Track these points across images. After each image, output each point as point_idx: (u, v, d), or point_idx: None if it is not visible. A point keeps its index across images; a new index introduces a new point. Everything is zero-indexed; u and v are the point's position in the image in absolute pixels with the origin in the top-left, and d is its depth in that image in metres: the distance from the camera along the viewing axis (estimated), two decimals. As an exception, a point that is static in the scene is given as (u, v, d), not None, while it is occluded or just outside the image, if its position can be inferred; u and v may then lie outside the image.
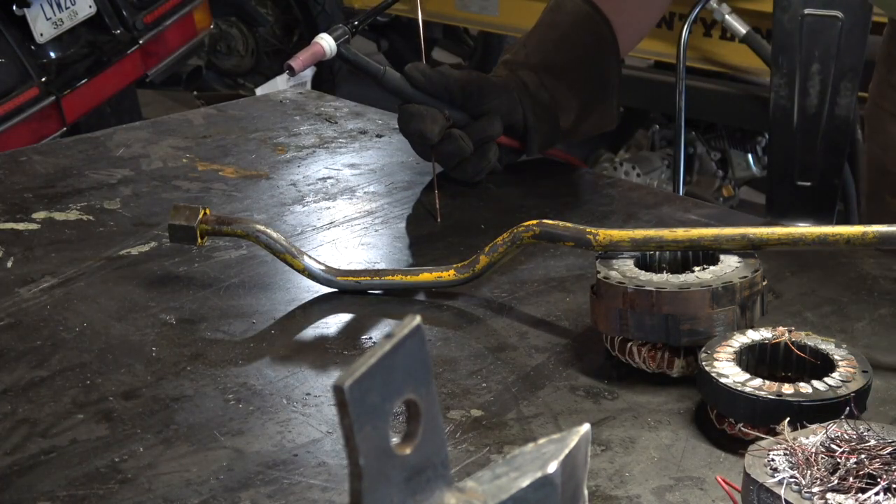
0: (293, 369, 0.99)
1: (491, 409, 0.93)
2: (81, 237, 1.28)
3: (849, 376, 0.85)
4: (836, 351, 0.88)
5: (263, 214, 1.33)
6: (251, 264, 1.20)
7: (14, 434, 0.90)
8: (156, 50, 3.91)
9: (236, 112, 1.73)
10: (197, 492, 0.82)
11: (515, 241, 1.07)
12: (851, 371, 0.85)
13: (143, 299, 1.12)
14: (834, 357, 0.88)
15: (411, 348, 0.48)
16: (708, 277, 0.95)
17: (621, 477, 0.83)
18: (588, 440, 0.56)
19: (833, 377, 0.85)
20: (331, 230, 1.29)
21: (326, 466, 0.85)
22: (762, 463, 0.70)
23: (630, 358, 0.96)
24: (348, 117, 1.69)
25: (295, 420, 0.91)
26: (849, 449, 0.70)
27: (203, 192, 1.41)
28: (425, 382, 0.49)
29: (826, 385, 0.84)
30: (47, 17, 3.48)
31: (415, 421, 0.49)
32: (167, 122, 1.68)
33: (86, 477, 0.84)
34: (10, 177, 1.46)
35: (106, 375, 0.98)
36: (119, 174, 1.47)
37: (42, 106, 3.38)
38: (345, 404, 0.45)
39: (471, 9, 4.55)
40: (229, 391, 0.96)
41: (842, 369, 0.85)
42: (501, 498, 0.51)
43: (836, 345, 0.89)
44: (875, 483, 0.67)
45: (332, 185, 1.43)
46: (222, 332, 1.06)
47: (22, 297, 1.13)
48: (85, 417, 0.92)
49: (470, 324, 1.07)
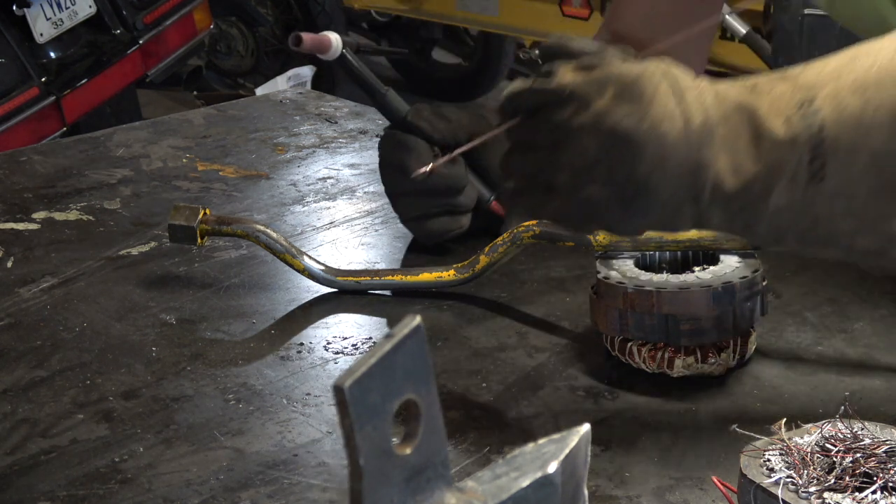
0: (293, 369, 0.99)
1: (491, 409, 0.93)
2: (81, 237, 1.28)
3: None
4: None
5: (263, 214, 1.33)
6: (251, 264, 1.20)
7: (14, 434, 0.90)
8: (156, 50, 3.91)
9: (236, 112, 1.73)
10: (197, 492, 0.82)
11: (515, 241, 1.07)
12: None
13: (143, 299, 1.12)
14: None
15: (411, 348, 0.48)
16: (708, 277, 0.95)
17: (621, 477, 0.83)
18: (588, 440, 0.56)
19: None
20: (331, 230, 1.29)
21: (326, 466, 0.85)
22: (758, 463, 0.70)
23: (630, 358, 0.96)
24: (348, 117, 1.69)
25: (295, 420, 0.91)
26: (844, 448, 0.70)
27: (203, 192, 1.41)
28: (425, 382, 0.49)
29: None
30: (47, 17, 3.48)
31: (415, 421, 0.49)
32: (167, 122, 1.68)
33: (86, 477, 0.84)
34: (10, 177, 1.46)
35: (106, 375, 0.98)
36: (119, 174, 1.47)
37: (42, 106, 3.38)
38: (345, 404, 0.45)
39: (471, 9, 4.55)
40: (229, 391, 0.96)
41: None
42: (501, 498, 0.51)
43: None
44: (871, 482, 0.67)
45: (332, 185, 1.43)
46: (222, 332, 1.06)
47: (22, 297, 1.13)
48: (85, 417, 0.92)
49: (470, 324, 1.07)
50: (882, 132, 0.77)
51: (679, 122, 0.79)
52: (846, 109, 0.78)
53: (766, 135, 0.78)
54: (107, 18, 3.75)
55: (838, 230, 0.79)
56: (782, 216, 0.79)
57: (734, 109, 0.80)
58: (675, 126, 0.79)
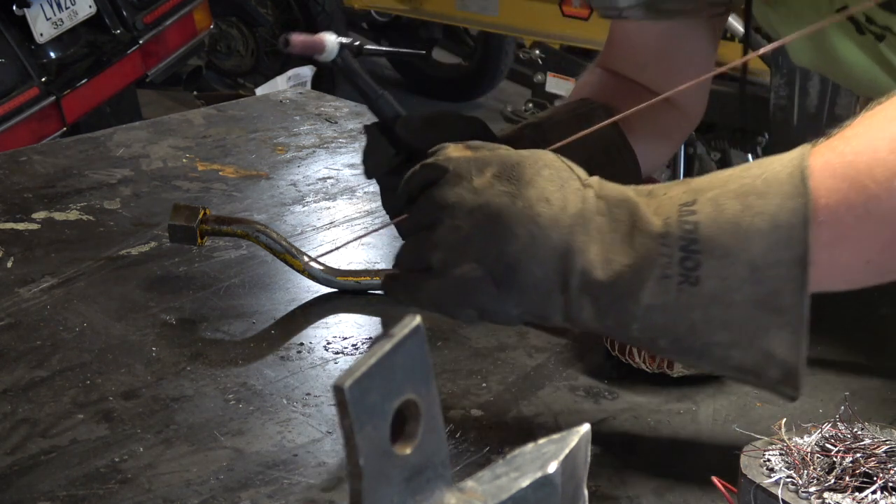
0: (293, 369, 0.99)
1: (491, 409, 0.93)
2: (81, 237, 1.28)
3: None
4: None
5: (263, 214, 1.33)
6: (251, 264, 1.20)
7: (14, 434, 0.90)
8: (156, 50, 3.91)
9: (236, 112, 1.73)
10: (197, 492, 0.82)
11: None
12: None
13: (143, 299, 1.12)
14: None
15: (411, 348, 0.48)
16: (707, 277, 0.95)
17: (621, 477, 0.83)
18: (588, 440, 0.56)
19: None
20: (331, 230, 1.29)
21: (326, 466, 0.85)
22: (758, 463, 0.70)
23: (630, 358, 0.96)
24: (348, 117, 1.69)
25: (295, 420, 0.91)
26: (844, 448, 0.70)
27: (203, 192, 1.41)
28: (425, 382, 0.49)
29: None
30: (47, 17, 3.48)
31: (415, 421, 0.49)
32: (167, 122, 1.68)
33: (86, 477, 0.84)
34: (10, 177, 1.46)
35: (106, 375, 0.98)
36: (119, 174, 1.47)
37: (42, 106, 3.38)
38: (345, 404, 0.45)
39: (471, 9, 4.55)
40: (229, 391, 0.96)
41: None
42: (501, 498, 0.51)
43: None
44: (871, 482, 0.67)
45: (332, 185, 1.43)
46: (222, 332, 1.06)
47: (22, 297, 1.13)
48: (85, 417, 0.92)
49: (470, 323, 1.07)
50: (762, 241, 0.75)
51: (555, 206, 0.79)
52: (725, 212, 0.76)
53: (640, 229, 0.78)
54: (107, 18, 3.75)
55: (714, 341, 0.76)
56: (656, 317, 0.77)
57: (616, 203, 0.80)
58: (549, 210, 0.79)
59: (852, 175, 0.75)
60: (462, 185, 0.81)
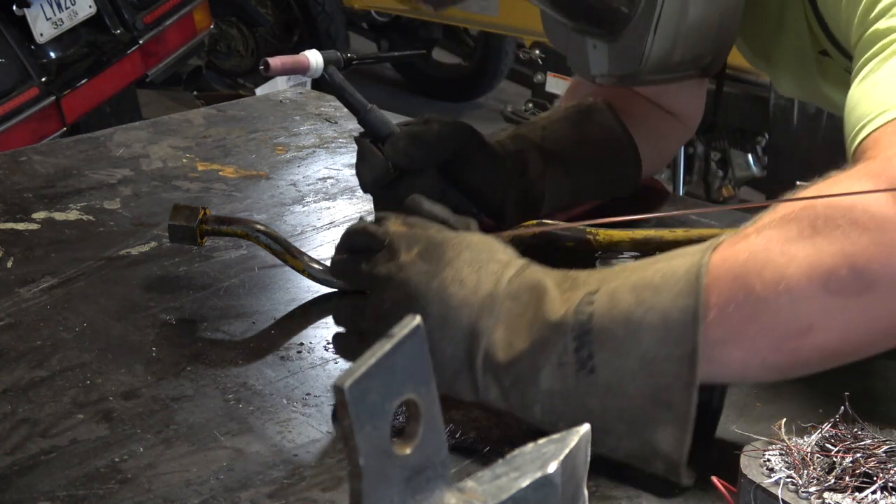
0: (293, 369, 0.99)
1: (491, 409, 0.92)
2: (81, 237, 1.28)
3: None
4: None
5: (263, 214, 1.33)
6: (251, 264, 1.20)
7: (14, 434, 0.90)
8: (156, 50, 3.91)
9: (236, 112, 1.73)
10: (197, 492, 0.82)
11: (516, 242, 1.07)
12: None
13: (143, 299, 1.12)
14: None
15: (411, 348, 0.49)
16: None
17: (621, 477, 0.83)
18: (588, 440, 0.56)
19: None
20: (331, 230, 1.29)
21: (326, 466, 0.85)
22: (758, 463, 0.70)
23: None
24: (348, 117, 1.69)
25: (295, 420, 0.91)
26: (844, 448, 0.70)
27: (203, 192, 1.41)
28: (425, 382, 0.49)
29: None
30: (47, 17, 3.48)
31: (415, 421, 0.49)
32: (167, 122, 1.68)
33: (86, 477, 0.84)
34: (10, 177, 1.46)
35: (106, 375, 0.98)
36: (119, 174, 1.47)
37: (42, 106, 3.38)
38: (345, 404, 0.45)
39: (471, 9, 4.54)
40: (229, 391, 0.96)
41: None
42: (501, 498, 0.51)
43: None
44: (871, 482, 0.67)
45: (332, 185, 1.43)
46: (222, 332, 1.06)
47: (22, 297, 1.13)
48: (85, 417, 0.92)
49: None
50: (652, 335, 0.77)
51: (467, 288, 0.83)
52: (619, 305, 0.78)
53: (539, 317, 0.80)
54: (107, 18, 3.75)
55: (609, 429, 0.79)
56: (556, 402, 0.80)
57: (527, 288, 0.82)
58: (461, 291, 0.83)
59: (743, 275, 0.76)
60: (392, 261, 0.87)
